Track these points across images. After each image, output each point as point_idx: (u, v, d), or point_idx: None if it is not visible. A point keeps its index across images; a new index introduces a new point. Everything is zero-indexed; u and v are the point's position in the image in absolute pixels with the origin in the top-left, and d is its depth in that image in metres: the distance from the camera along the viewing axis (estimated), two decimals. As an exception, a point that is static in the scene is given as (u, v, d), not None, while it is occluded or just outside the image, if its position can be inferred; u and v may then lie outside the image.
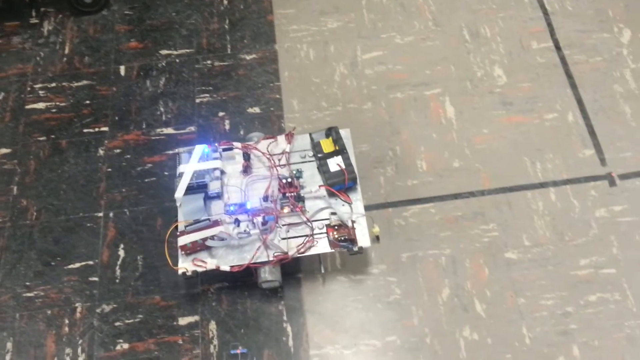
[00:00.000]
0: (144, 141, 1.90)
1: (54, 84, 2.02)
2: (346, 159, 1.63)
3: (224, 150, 1.67)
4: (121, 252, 1.72)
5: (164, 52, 2.08)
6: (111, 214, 1.78)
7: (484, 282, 1.65)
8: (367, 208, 1.66)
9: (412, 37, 2.07)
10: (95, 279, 1.69)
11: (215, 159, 1.65)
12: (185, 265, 1.54)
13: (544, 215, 1.73)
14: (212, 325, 1.61)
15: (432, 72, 1.99)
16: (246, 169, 1.66)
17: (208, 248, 1.55)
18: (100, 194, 1.81)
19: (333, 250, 1.55)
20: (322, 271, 1.66)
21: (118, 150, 1.88)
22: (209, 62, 2.04)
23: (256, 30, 2.11)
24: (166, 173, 1.84)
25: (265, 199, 1.60)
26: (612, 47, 2.01)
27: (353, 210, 1.60)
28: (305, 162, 1.67)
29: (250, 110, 1.94)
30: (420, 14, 2.12)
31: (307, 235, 1.56)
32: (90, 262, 1.71)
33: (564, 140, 1.85)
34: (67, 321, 1.63)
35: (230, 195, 1.62)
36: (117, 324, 1.62)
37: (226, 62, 2.04)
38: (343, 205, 1.61)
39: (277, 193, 1.61)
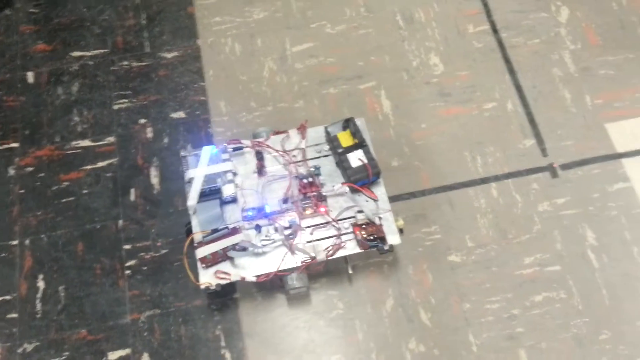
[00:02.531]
0: (58, 156, 1.75)
1: (-46, 96, 1.84)
2: (367, 153, 1.52)
3: (234, 150, 1.56)
4: (41, 284, 1.59)
5: (76, 53, 1.90)
6: (27, 241, 1.64)
7: (428, 289, 1.59)
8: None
9: (344, 25, 1.95)
10: (14, 315, 1.55)
11: (226, 160, 1.53)
12: (207, 279, 1.42)
13: (487, 213, 1.67)
14: (145, 358, 1.51)
15: (365, 64, 1.89)
16: (260, 169, 1.54)
17: (229, 258, 1.44)
18: (13, 219, 1.66)
19: (362, 251, 1.46)
20: (350, 272, 1.56)
21: (30, 169, 1.73)
22: (125, 62, 1.89)
23: (176, 24, 1.96)
24: (85, 191, 1.70)
25: (285, 200, 1.50)
26: (550, 28, 1.94)
27: (378, 205, 1.51)
28: (321, 156, 1.57)
29: (174, 115, 1.81)
30: (351, -1, 2.00)
31: (332, 237, 1.47)
32: (7, 297, 1.57)
33: (503, 130, 1.79)
34: (-15, 364, 1.51)
35: (246, 199, 1.51)
36: (41, 363, 1.51)
37: (145, 62, 1.89)
38: (367, 201, 1.51)
39: (297, 193, 1.51)
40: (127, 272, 1.60)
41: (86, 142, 1.76)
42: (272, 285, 1.57)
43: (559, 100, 1.83)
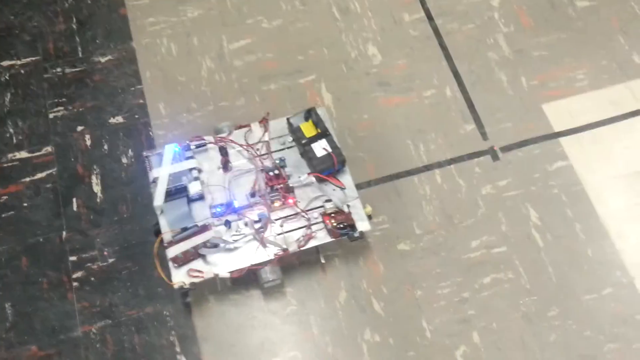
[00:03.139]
0: (-5, 171, 1.70)
1: None
2: (331, 142, 1.54)
3: (197, 147, 1.55)
4: (-15, 303, 1.55)
5: (6, 63, 1.84)
6: (-32, 261, 1.59)
7: (379, 278, 1.60)
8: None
9: (280, 20, 1.94)
10: (-41, 337, 1.51)
11: (189, 157, 1.52)
12: (180, 279, 1.41)
13: (432, 200, 1.70)
14: (99, 370, 1.49)
15: (304, 58, 1.88)
16: (225, 165, 1.53)
17: (201, 256, 1.43)
18: (-49, 238, 1.61)
19: (334, 239, 1.48)
20: (322, 261, 1.59)
21: (-34, 185, 1.68)
22: (59, 69, 1.83)
23: (109, 27, 1.91)
24: (25, 204, 1.65)
25: (253, 194, 1.50)
26: (484, 12, 1.97)
27: (345, 193, 1.52)
28: (285, 148, 1.58)
29: (112, 120, 1.77)
30: (286, -7, 1.99)
31: (303, 227, 1.48)
32: (-50, 320, 1.53)
33: (444, 117, 1.81)
34: None
35: (213, 196, 1.50)
36: (-10, 385, 1.47)
37: (79, 68, 1.84)
38: (334, 189, 1.52)
39: (265, 187, 1.50)
40: (75, 284, 1.56)
41: (23, 154, 1.71)
42: (246, 280, 1.56)
43: (496, 83, 1.86)
